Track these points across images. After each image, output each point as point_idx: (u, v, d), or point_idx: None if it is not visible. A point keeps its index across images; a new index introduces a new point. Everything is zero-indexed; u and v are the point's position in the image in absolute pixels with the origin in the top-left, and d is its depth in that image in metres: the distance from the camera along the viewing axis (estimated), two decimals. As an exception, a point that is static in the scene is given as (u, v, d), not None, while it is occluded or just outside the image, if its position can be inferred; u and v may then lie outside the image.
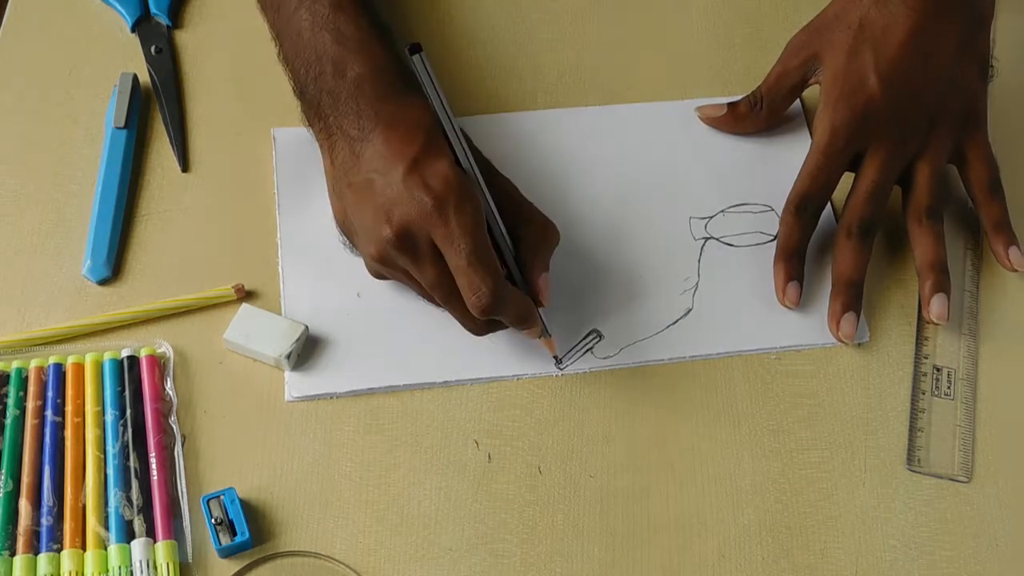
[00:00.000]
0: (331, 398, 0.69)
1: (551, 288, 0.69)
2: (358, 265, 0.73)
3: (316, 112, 0.70)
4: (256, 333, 0.69)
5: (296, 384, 0.69)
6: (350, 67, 0.69)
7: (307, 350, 0.70)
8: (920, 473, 0.68)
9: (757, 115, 0.79)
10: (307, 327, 0.69)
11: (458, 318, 0.68)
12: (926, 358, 0.72)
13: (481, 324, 0.68)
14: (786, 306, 0.73)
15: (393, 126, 0.67)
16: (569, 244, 0.74)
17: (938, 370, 0.71)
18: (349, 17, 0.70)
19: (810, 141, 0.75)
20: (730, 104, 0.80)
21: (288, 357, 0.68)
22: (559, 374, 0.70)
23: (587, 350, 0.71)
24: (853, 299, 0.72)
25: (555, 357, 0.71)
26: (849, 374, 0.71)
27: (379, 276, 0.71)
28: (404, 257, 0.66)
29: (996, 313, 0.74)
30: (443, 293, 0.67)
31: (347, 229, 0.71)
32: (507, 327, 0.69)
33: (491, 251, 0.66)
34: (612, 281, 0.74)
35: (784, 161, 0.78)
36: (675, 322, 0.72)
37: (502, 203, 0.68)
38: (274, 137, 0.78)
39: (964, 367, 0.71)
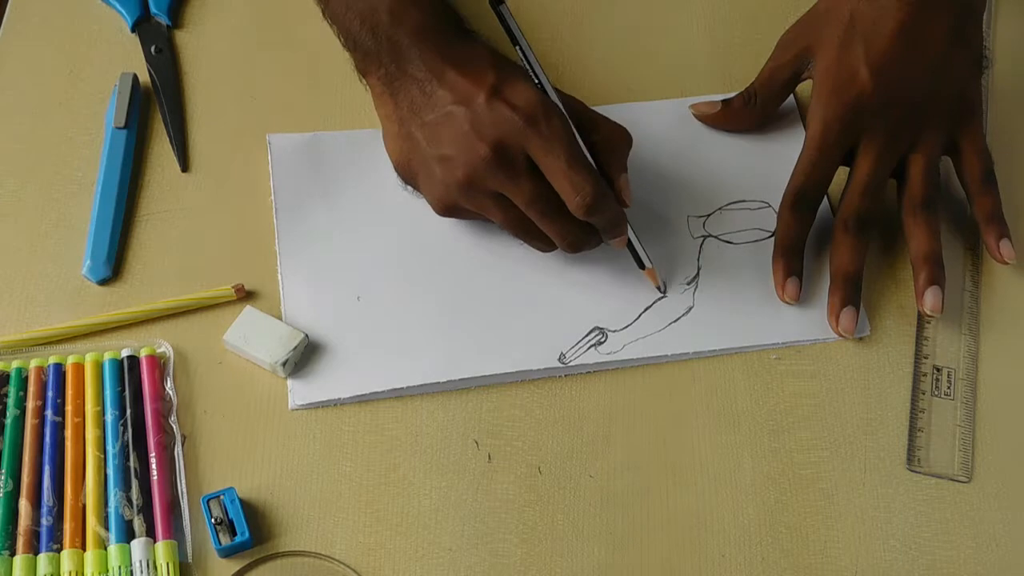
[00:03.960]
0: (335, 405, 0.69)
1: (631, 188, 0.71)
2: (358, 269, 0.73)
3: (375, 61, 0.72)
4: (255, 337, 0.69)
5: (299, 392, 0.68)
6: (407, 16, 0.71)
7: (309, 356, 0.70)
8: (920, 473, 0.68)
9: (751, 111, 0.79)
10: (307, 336, 0.69)
11: (555, 234, 0.70)
12: (926, 358, 0.72)
13: (577, 236, 0.71)
14: (786, 302, 0.73)
15: (462, 63, 0.70)
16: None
17: (938, 370, 0.71)
18: None
19: (804, 137, 0.75)
20: (724, 101, 0.80)
21: (284, 364, 0.68)
22: (563, 372, 0.70)
23: (590, 347, 0.71)
24: (852, 293, 0.72)
25: (659, 288, 0.73)
26: (849, 374, 0.71)
27: (450, 213, 0.72)
28: (501, 174, 0.68)
29: (996, 313, 0.74)
30: (540, 207, 0.69)
31: (411, 169, 0.73)
32: (596, 246, 0.72)
33: (585, 154, 0.69)
34: (614, 279, 0.74)
35: (780, 157, 0.78)
36: (677, 320, 0.72)
37: (573, 116, 0.70)
38: (269, 143, 0.78)
39: (964, 367, 0.71)
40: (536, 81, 0.71)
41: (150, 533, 0.63)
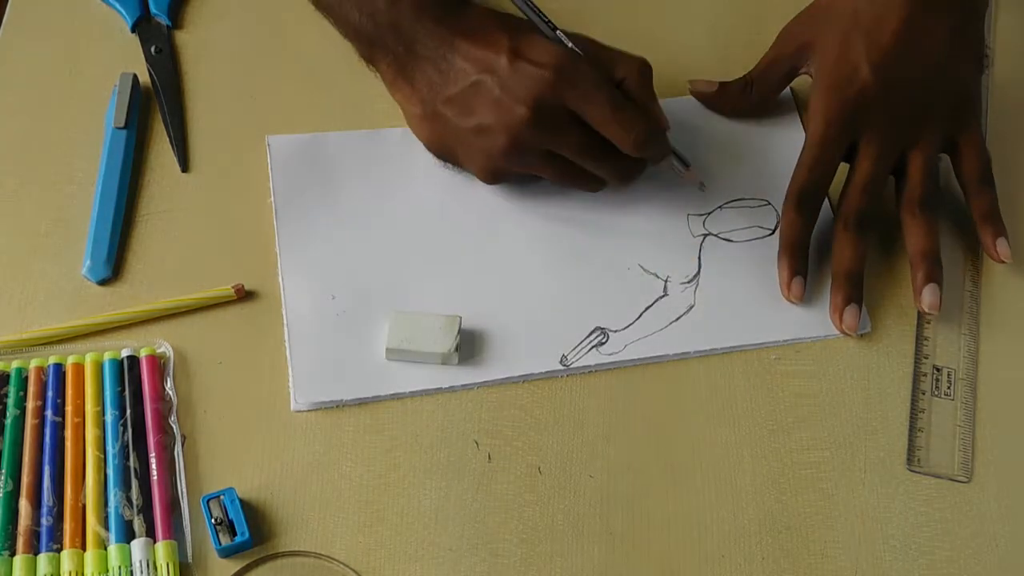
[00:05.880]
0: (337, 406, 0.69)
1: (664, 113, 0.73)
2: (358, 269, 0.73)
3: (380, 48, 0.72)
4: (418, 335, 0.69)
5: (302, 393, 0.68)
6: None
7: (310, 356, 0.70)
8: (920, 473, 0.68)
9: (747, 98, 0.79)
10: (461, 317, 0.70)
11: (608, 174, 0.73)
12: (926, 358, 0.72)
13: (629, 170, 0.72)
14: (791, 301, 0.73)
15: (471, 32, 0.70)
16: (571, 244, 0.75)
17: (938, 370, 0.71)
18: None
19: (803, 135, 0.75)
20: (722, 83, 0.80)
21: (457, 351, 0.69)
22: (565, 373, 0.70)
23: (592, 348, 0.71)
24: (854, 291, 0.72)
25: (700, 184, 0.76)
26: (849, 374, 0.71)
27: (498, 180, 0.73)
28: (546, 131, 0.69)
29: (996, 313, 0.74)
30: (593, 152, 0.70)
31: (446, 146, 0.73)
32: (642, 172, 0.74)
33: (619, 94, 0.70)
34: (614, 279, 0.74)
35: (779, 155, 0.78)
36: (678, 319, 0.72)
37: (591, 54, 0.71)
38: (268, 144, 0.77)
39: (964, 367, 0.71)
40: (547, 31, 0.71)
41: (150, 533, 0.63)
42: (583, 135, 0.70)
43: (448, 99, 0.71)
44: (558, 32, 0.72)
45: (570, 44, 0.71)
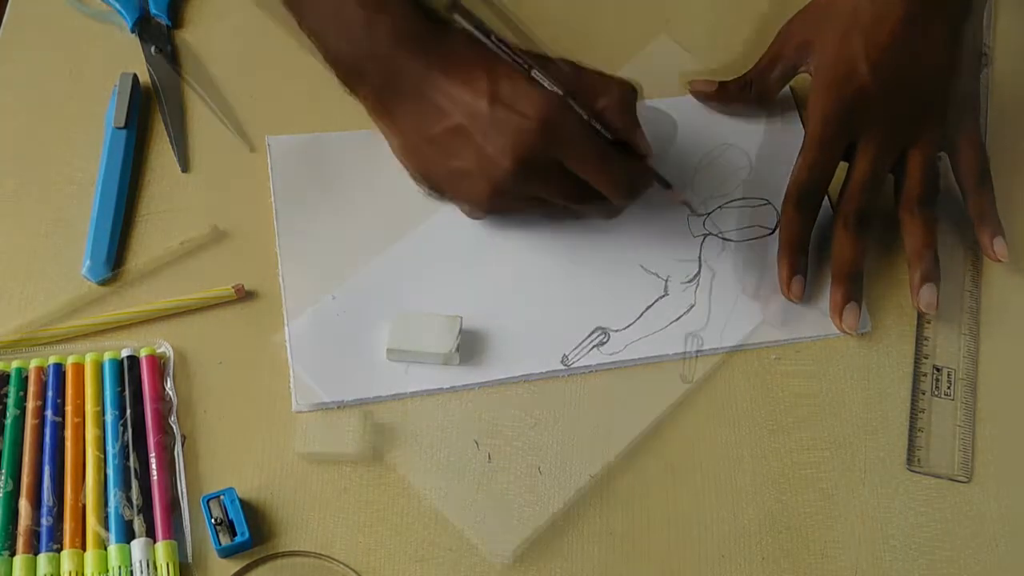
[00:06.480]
0: (338, 407, 0.69)
1: (647, 136, 0.71)
2: (358, 270, 0.73)
3: (359, 79, 0.72)
4: (419, 335, 0.69)
5: (303, 394, 0.68)
6: (381, 24, 0.69)
7: (310, 356, 0.70)
8: (920, 473, 0.68)
9: (746, 97, 0.79)
10: (462, 317, 0.69)
11: (593, 213, 0.72)
12: (926, 358, 0.72)
13: (615, 210, 0.73)
14: (791, 300, 0.73)
15: (450, 69, 0.69)
16: (571, 244, 0.75)
17: (938, 370, 0.71)
18: None
19: (803, 134, 0.75)
20: (721, 82, 0.80)
21: (458, 351, 0.69)
22: (566, 373, 0.70)
23: (592, 347, 0.71)
24: (853, 290, 0.72)
25: (685, 202, 0.75)
26: (849, 374, 0.71)
27: (482, 217, 0.74)
28: (530, 182, 0.69)
29: (996, 313, 0.74)
30: (579, 198, 0.70)
31: (432, 181, 0.73)
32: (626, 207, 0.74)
33: (604, 142, 0.69)
34: (615, 279, 0.74)
35: (779, 154, 0.78)
36: (678, 318, 0.72)
37: (572, 86, 0.69)
38: (268, 145, 0.77)
39: (964, 367, 0.71)
40: (523, 72, 0.69)
41: (150, 533, 0.63)
42: (567, 181, 0.69)
43: (430, 138, 0.70)
44: (534, 72, 0.69)
45: (547, 83, 0.68)
